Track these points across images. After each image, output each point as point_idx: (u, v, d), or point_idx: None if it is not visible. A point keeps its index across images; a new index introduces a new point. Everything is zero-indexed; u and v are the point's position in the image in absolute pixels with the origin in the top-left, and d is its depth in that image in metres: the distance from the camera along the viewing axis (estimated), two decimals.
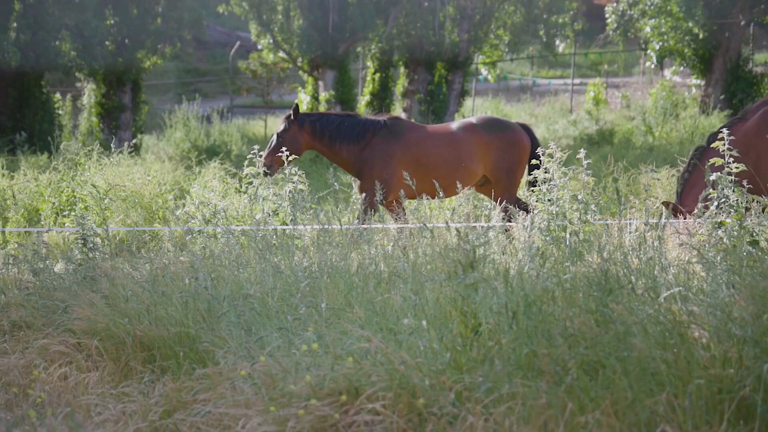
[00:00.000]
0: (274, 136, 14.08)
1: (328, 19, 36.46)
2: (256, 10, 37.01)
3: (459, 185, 13.39)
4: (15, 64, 30.45)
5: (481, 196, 15.05)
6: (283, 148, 13.31)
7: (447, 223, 8.10)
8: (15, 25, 30.70)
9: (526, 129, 14.56)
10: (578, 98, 45.06)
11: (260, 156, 13.51)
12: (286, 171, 11.84)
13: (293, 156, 13.66)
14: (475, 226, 10.20)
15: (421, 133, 14.33)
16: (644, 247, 8.35)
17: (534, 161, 11.44)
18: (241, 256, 9.53)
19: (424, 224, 8.91)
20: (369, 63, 38.01)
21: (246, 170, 12.24)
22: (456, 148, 14.12)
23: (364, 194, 13.81)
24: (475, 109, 41.51)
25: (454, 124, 14.47)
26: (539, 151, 11.48)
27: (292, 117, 14.09)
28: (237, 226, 11.20)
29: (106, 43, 33.70)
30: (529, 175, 13.95)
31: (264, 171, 13.95)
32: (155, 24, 34.34)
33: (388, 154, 14.01)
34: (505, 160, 14.07)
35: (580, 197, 10.14)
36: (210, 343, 7.78)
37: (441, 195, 12.44)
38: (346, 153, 14.08)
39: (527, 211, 12.81)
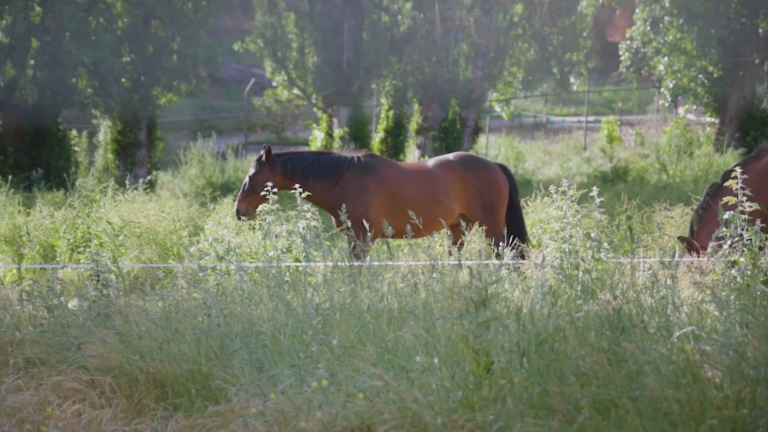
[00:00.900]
0: (246, 179, 14.07)
1: (342, 57, 36.62)
2: (271, 48, 37.19)
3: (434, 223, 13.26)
4: (32, 101, 30.61)
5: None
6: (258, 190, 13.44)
7: (459, 260, 8.11)
8: (32, 62, 30.90)
9: (504, 169, 14.46)
10: (592, 135, 45.06)
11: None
12: (299, 208, 11.85)
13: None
14: (487, 264, 10.20)
15: (396, 169, 14.23)
16: (657, 286, 8.34)
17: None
18: (253, 293, 9.54)
19: (434, 262, 8.92)
20: (383, 100, 38.13)
21: (259, 207, 12.26)
22: (431, 185, 13.98)
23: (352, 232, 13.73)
24: (489, 146, 41.54)
25: (431, 161, 14.36)
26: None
27: (263, 159, 14.06)
28: (250, 263, 11.22)
29: (122, 80, 33.87)
30: (506, 215, 13.93)
31: (238, 216, 13.99)
32: (171, 61, 34.51)
33: (362, 190, 13.92)
34: (482, 198, 13.94)
35: (593, 235, 10.14)
36: (222, 380, 7.78)
37: (411, 235, 12.32)
38: (320, 190, 13.96)
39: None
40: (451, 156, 14.34)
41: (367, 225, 12.50)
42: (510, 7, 37.05)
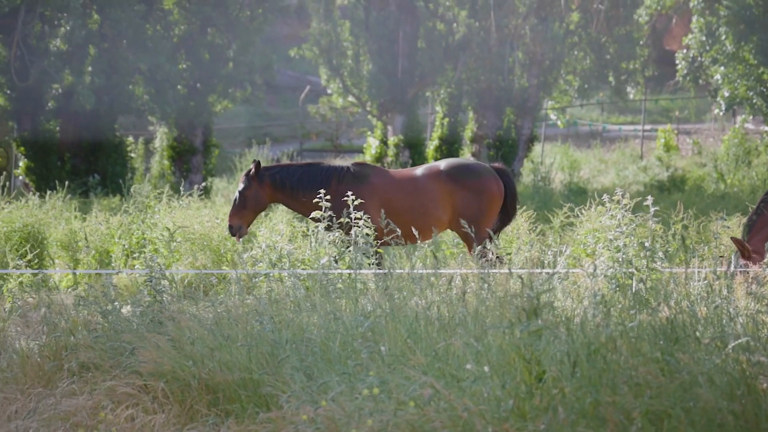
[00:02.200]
0: (237, 194, 14.08)
1: (397, 64, 36.64)
2: (327, 55, 37.28)
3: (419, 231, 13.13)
4: (89, 108, 30.86)
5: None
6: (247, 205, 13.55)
7: (509, 269, 8.08)
8: (90, 69, 31.16)
9: (502, 173, 14.32)
10: (649, 144, 44.79)
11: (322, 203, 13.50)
12: (352, 215, 11.84)
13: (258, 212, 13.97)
14: (538, 272, 10.14)
15: (387, 177, 14.13)
16: (712, 296, 8.27)
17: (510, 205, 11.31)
18: (305, 300, 9.56)
19: (486, 270, 8.89)
20: (438, 108, 38.09)
21: (312, 214, 12.27)
22: (420, 194, 13.85)
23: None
24: (544, 154, 41.40)
25: (420, 170, 14.25)
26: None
27: (252, 173, 14.06)
28: (302, 270, 11.24)
29: (179, 87, 34.08)
30: (503, 218, 13.79)
31: (231, 232, 14.02)
32: (227, 68, 34.68)
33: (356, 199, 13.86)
34: (471, 207, 13.81)
35: (647, 244, 10.07)
36: (273, 387, 7.79)
37: (402, 242, 12.25)
38: (310, 201, 13.93)
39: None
40: (442, 164, 14.17)
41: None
42: (566, 15, 36.91)
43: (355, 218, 11.66)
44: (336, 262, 11.52)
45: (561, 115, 42.55)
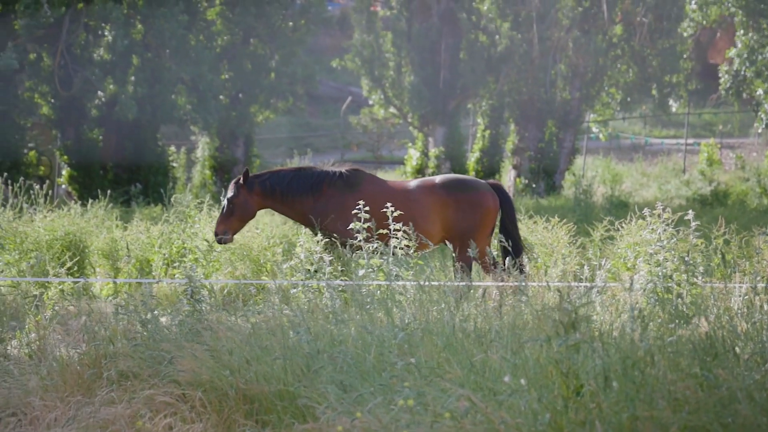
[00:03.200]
0: (225, 201, 14.09)
1: (439, 76, 36.65)
2: (369, 66, 37.34)
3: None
4: (132, 117, 31.04)
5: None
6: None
7: (547, 282, 8.05)
8: (133, 78, 31.34)
9: (497, 188, 14.24)
10: (691, 158, 44.56)
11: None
12: (391, 227, 11.83)
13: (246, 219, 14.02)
14: (575, 286, 10.10)
15: (379, 187, 14.08)
16: (752, 311, 8.20)
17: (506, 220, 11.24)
18: (342, 311, 9.55)
19: (523, 283, 8.86)
20: (479, 119, 38.07)
21: (352, 225, 12.27)
22: (410, 206, 13.77)
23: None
24: (585, 167, 41.27)
25: (414, 182, 14.18)
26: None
27: (241, 181, 14.07)
28: (340, 280, 11.24)
29: (221, 97, 34.23)
30: (500, 233, 13.69)
31: (217, 239, 14.03)
32: (269, 79, 34.79)
33: (342, 206, 13.82)
34: (464, 221, 13.74)
35: (687, 259, 10.01)
36: (308, 398, 7.79)
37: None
38: (301, 206, 13.90)
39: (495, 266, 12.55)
40: (437, 178, 14.11)
41: (340, 241, 12.54)
42: (609, 27, 36.79)
43: (395, 230, 11.64)
44: (316, 272, 11.53)
45: (603, 128, 42.42)
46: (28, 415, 9.18)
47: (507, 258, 11.70)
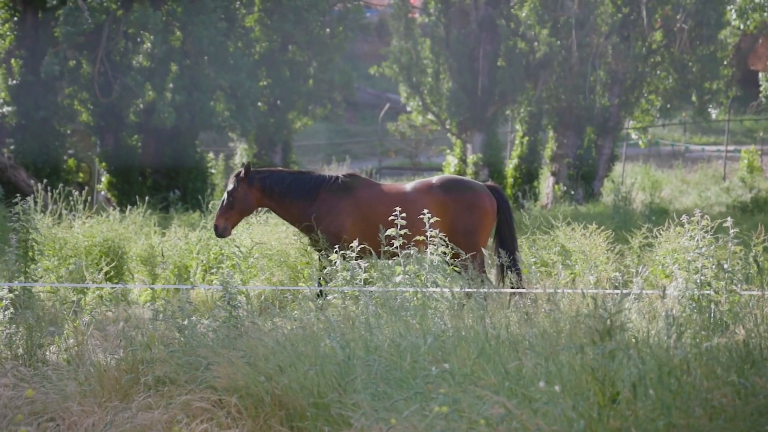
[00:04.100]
0: (225, 195, 14.13)
1: (477, 82, 36.61)
2: (407, 73, 37.34)
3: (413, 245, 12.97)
4: (170, 124, 31.16)
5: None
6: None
7: (582, 289, 8.01)
8: (171, 85, 31.48)
9: (495, 190, 14.16)
10: (732, 165, 44.27)
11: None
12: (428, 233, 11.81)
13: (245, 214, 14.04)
14: (610, 293, 10.05)
15: (375, 191, 14.04)
16: None
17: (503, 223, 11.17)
18: (378, 318, 9.54)
19: (561, 290, 8.82)
20: (517, 126, 37.98)
21: (388, 231, 12.25)
22: (407, 209, 13.69)
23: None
24: (625, 174, 41.09)
25: (410, 184, 14.13)
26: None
27: (242, 175, 14.09)
28: (376, 287, 11.23)
29: (259, 103, 34.32)
30: (496, 236, 13.60)
31: (216, 232, 14.05)
32: (307, 86, 34.87)
33: (336, 210, 13.80)
34: (462, 222, 13.63)
35: (725, 266, 9.94)
36: (342, 405, 7.79)
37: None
38: (296, 209, 13.91)
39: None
40: (434, 179, 14.07)
41: (333, 244, 12.51)
42: (649, 34, 36.63)
43: (431, 236, 11.62)
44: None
45: (642, 134, 42.22)
46: (66, 420, 9.23)
47: (501, 262, 11.67)
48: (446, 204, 13.68)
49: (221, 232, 14.12)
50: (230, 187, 14.14)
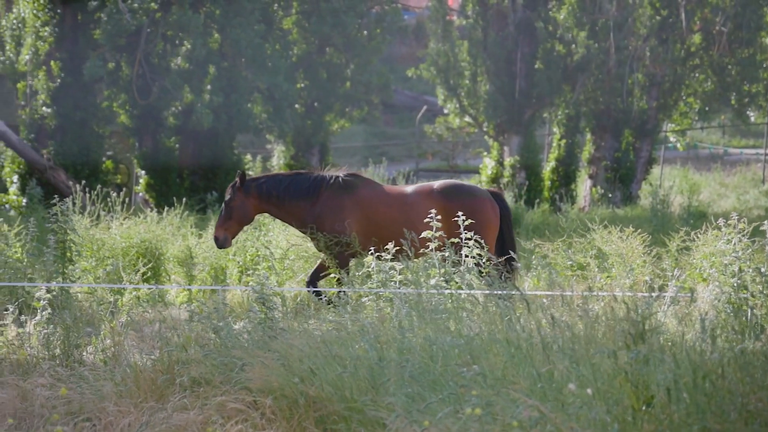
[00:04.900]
0: (223, 206, 14.13)
1: (514, 85, 36.54)
2: (444, 75, 37.31)
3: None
4: (207, 126, 31.26)
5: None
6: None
7: (612, 294, 7.98)
8: (209, 87, 31.58)
9: (496, 196, 14.05)
10: None
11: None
12: (462, 236, 11.78)
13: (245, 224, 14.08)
14: (643, 296, 10.00)
15: (376, 191, 13.99)
16: None
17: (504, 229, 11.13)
18: (411, 320, 9.53)
19: (590, 292, 8.79)
20: (555, 129, 37.89)
21: (423, 234, 12.24)
22: (407, 211, 13.63)
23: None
24: (663, 177, 40.92)
25: (411, 187, 14.06)
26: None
27: (237, 184, 14.05)
28: (411, 289, 11.22)
29: (296, 105, 34.38)
30: (496, 243, 13.51)
31: (216, 243, 14.04)
32: (344, 88, 34.89)
33: (339, 209, 13.76)
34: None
35: (763, 270, 9.88)
36: (375, 407, 7.79)
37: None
38: (298, 210, 13.86)
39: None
40: (435, 184, 14.00)
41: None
42: (687, 36, 36.46)
43: (466, 238, 11.61)
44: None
45: (681, 137, 42.02)
46: (102, 420, 9.28)
47: (500, 266, 11.63)
48: (447, 211, 13.56)
49: (221, 243, 14.16)
50: (227, 197, 14.17)
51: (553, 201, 35.62)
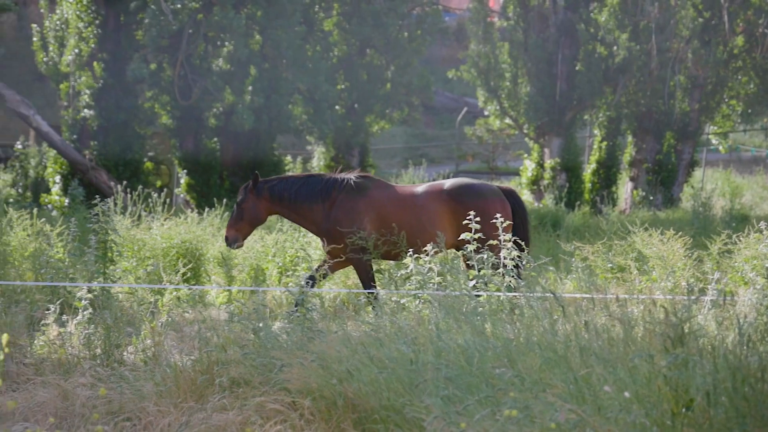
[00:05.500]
0: (235, 206, 14.17)
1: (555, 87, 36.43)
2: (485, 77, 37.26)
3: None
4: (248, 127, 31.33)
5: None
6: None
7: (652, 296, 7.94)
8: (250, 88, 31.65)
9: (510, 195, 13.96)
10: None
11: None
12: (501, 237, 11.75)
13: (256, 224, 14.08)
14: (682, 299, 9.94)
15: (388, 191, 13.95)
16: None
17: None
18: (448, 322, 9.52)
19: (635, 296, 8.75)
20: (596, 131, 37.75)
21: (462, 235, 12.22)
22: (418, 212, 13.58)
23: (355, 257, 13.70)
24: (705, 180, 40.69)
25: (422, 187, 14.01)
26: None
27: (250, 185, 14.07)
28: (451, 291, 11.21)
29: (337, 107, 34.41)
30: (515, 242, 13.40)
31: (227, 243, 14.06)
32: (384, 89, 34.89)
33: (354, 211, 13.74)
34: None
35: None
36: (412, 409, 7.79)
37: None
38: (311, 213, 13.89)
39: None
40: (446, 184, 13.95)
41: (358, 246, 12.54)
42: (730, 38, 36.24)
43: (504, 240, 11.58)
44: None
45: (723, 140, 41.78)
46: (142, 419, 9.33)
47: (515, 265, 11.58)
48: (456, 211, 13.58)
49: (232, 243, 14.24)
50: (239, 198, 14.25)
51: (594, 203, 35.49)
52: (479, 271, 11.09)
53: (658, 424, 6.33)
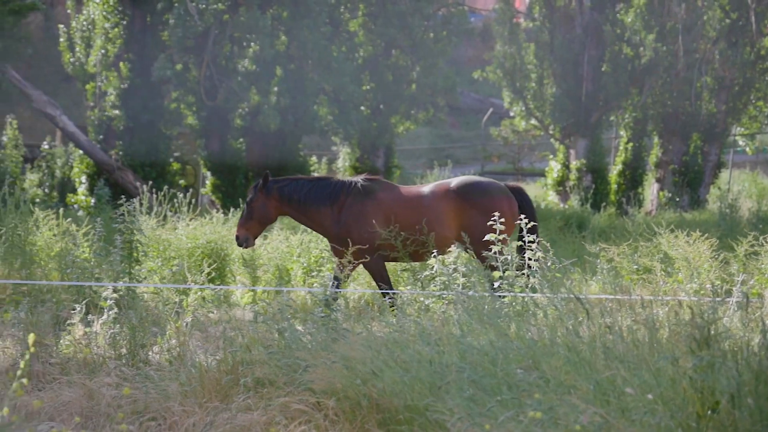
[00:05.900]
0: (245, 205, 14.20)
1: (581, 88, 36.35)
2: (510, 78, 37.22)
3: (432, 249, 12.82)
4: (274, 128, 31.38)
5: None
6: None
7: (678, 298, 7.91)
8: (275, 89, 31.69)
9: (517, 192, 13.92)
10: None
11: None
12: (525, 238, 11.73)
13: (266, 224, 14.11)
14: (708, 301, 9.89)
15: (395, 193, 13.95)
16: None
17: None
18: (471, 324, 9.50)
19: (660, 297, 8.73)
20: (622, 132, 37.65)
21: (487, 237, 12.20)
22: (424, 212, 13.58)
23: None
24: (731, 181, 40.52)
25: (428, 187, 13.99)
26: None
27: (260, 184, 14.09)
28: (474, 292, 11.20)
29: (362, 108, 34.41)
30: (519, 239, 13.34)
31: (238, 242, 14.08)
32: (410, 90, 34.88)
33: (364, 214, 13.74)
34: (479, 227, 13.37)
35: None
36: (437, 410, 7.79)
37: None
38: (320, 216, 13.92)
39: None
40: (452, 182, 13.93)
41: (368, 249, 12.54)
42: (758, 39, 36.08)
43: (529, 241, 11.56)
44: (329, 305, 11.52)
45: (750, 141, 41.59)
46: (167, 419, 9.35)
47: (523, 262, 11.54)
48: (463, 209, 13.61)
49: (242, 242, 14.29)
50: (249, 197, 14.30)
51: (620, 204, 35.40)
52: (504, 272, 11.07)
53: (683, 426, 6.31)
